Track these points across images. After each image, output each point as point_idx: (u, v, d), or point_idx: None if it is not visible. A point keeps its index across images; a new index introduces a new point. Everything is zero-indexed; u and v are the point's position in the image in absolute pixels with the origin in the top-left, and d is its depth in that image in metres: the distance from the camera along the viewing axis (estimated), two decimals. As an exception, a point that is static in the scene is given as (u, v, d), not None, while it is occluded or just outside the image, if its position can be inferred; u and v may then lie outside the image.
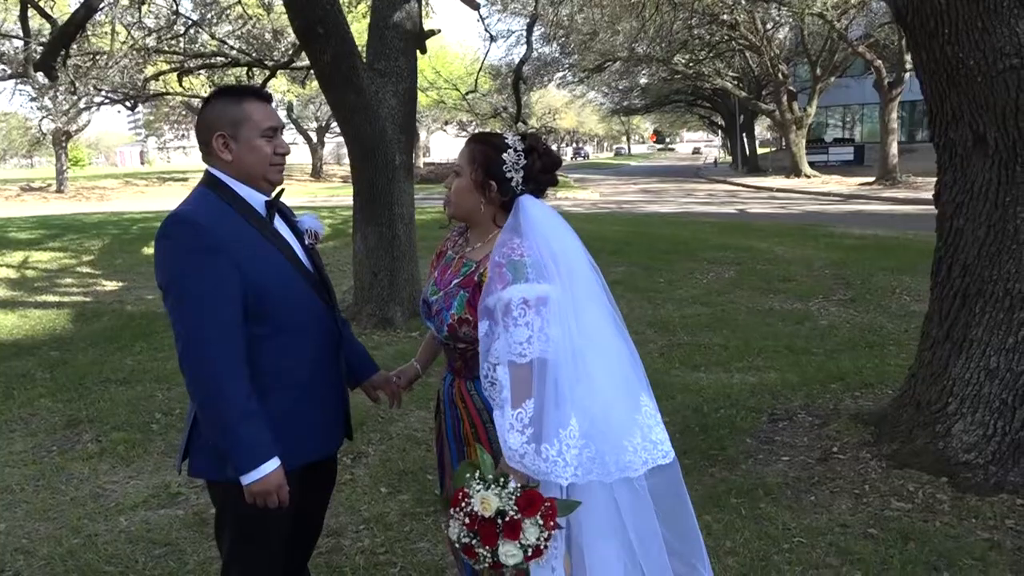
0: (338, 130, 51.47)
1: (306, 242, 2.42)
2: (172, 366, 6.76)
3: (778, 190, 29.20)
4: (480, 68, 14.45)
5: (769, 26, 33.41)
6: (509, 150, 2.28)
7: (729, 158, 55.38)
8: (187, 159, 66.93)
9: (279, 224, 2.32)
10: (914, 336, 6.86)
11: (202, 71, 14.98)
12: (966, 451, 3.91)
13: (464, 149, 2.36)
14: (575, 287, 2.17)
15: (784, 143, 42.70)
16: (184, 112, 49.12)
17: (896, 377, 5.66)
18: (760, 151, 48.54)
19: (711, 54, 34.45)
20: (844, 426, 4.67)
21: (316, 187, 40.97)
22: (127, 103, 15.93)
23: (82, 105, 26.54)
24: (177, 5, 11.99)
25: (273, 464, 2.11)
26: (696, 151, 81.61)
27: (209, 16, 13.93)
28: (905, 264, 10.21)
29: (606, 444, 2.11)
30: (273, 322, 2.18)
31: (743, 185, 33.37)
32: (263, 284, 2.16)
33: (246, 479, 2.09)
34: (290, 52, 15.62)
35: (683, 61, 33.82)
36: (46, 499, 4.28)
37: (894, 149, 28.41)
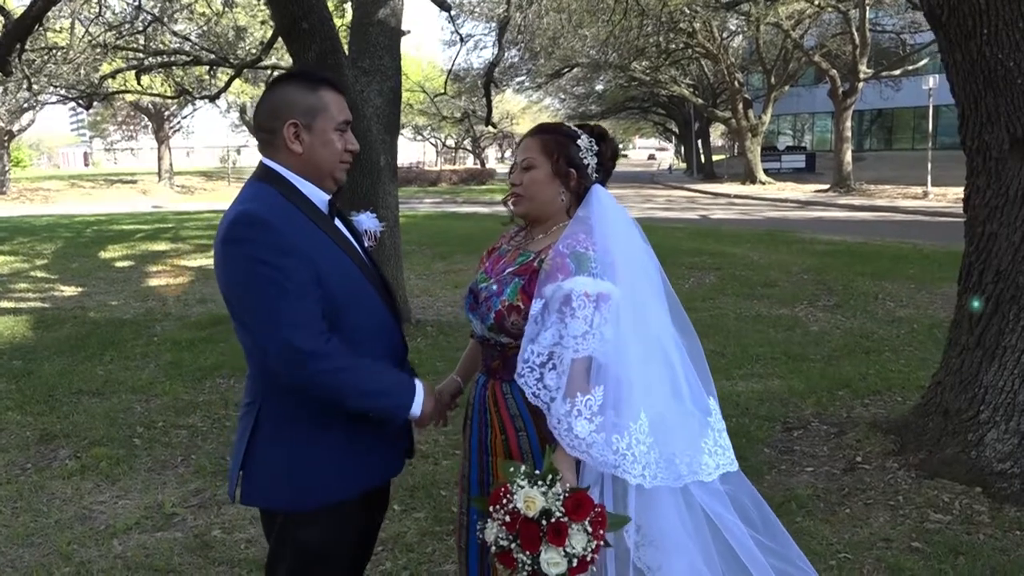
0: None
1: (366, 244, 2.20)
2: (147, 376, 6.42)
3: (736, 196, 29.51)
4: (450, 70, 14.22)
5: (725, 35, 33.87)
6: (581, 137, 2.21)
7: (683, 164, 55.94)
8: (135, 160, 64.88)
9: (339, 225, 2.10)
10: (907, 342, 6.88)
11: (161, 69, 14.46)
12: (1000, 460, 3.83)
13: (531, 141, 2.23)
14: (641, 288, 2.09)
15: (737, 150, 43.29)
16: (132, 113, 47.82)
17: (902, 384, 5.61)
18: (713, 158, 49.09)
19: (668, 61, 34.72)
20: (863, 435, 4.58)
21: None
22: (81, 101, 15.29)
23: (33, 103, 25.51)
24: (139, 1, 11.49)
25: (420, 388, 2.06)
26: (651, 157, 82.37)
27: (169, 13, 13.45)
28: (882, 270, 10.28)
29: (676, 447, 2.01)
30: (344, 332, 1.94)
31: (700, 191, 33.66)
32: (334, 291, 1.93)
33: (413, 412, 2.03)
34: (254, 51, 15.20)
35: (641, 68, 34.03)
36: (27, 522, 3.95)
37: (848, 157, 28.93)
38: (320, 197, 2.06)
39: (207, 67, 14.67)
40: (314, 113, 2.01)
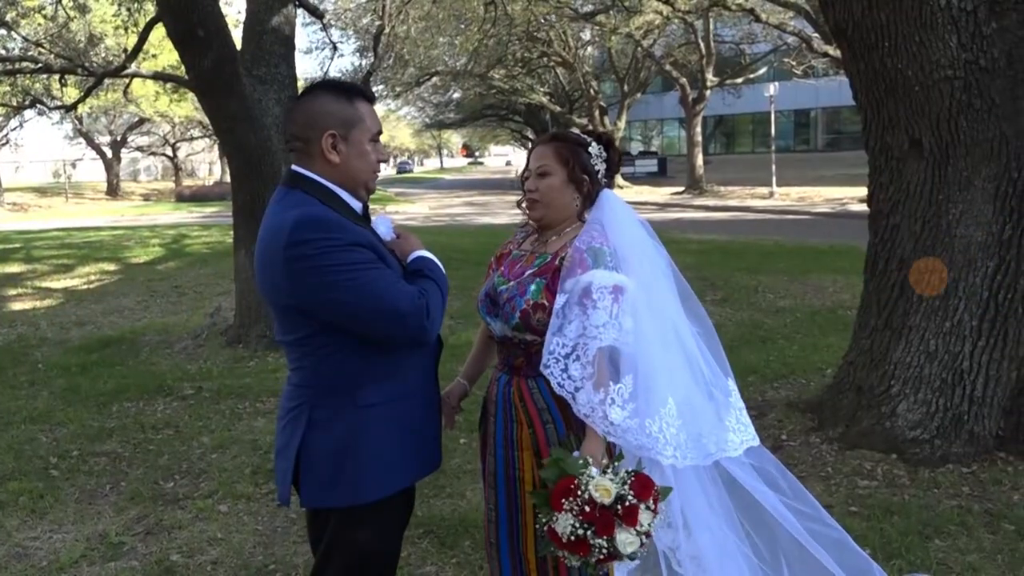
0: (135, 145, 48.06)
1: None
2: (43, 404, 6.01)
3: (598, 200, 30.42)
4: (324, 78, 13.98)
5: (579, 44, 34.98)
6: (591, 144, 2.34)
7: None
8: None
9: None
10: (795, 330, 7.43)
11: (4, 78, 13.38)
12: (912, 428, 4.26)
13: (545, 149, 2.36)
14: (653, 280, 2.26)
15: (594, 156, 44.55)
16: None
17: (802, 368, 6.08)
18: (571, 164, 50.40)
19: (525, 71, 35.49)
20: (783, 415, 4.95)
21: (119, 206, 37.89)
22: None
23: None
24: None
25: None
26: (509, 164, 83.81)
27: (13, 16, 12.50)
28: (754, 264, 11.00)
29: (702, 427, 2.19)
30: None
31: (563, 196, 34.45)
32: None
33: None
34: (111, 58, 14.37)
35: (500, 76, 34.60)
36: (-46, 567, 3.66)
37: (699, 160, 30.53)
38: (355, 205, 2.11)
39: (58, 75, 13.71)
40: (351, 124, 2.06)
